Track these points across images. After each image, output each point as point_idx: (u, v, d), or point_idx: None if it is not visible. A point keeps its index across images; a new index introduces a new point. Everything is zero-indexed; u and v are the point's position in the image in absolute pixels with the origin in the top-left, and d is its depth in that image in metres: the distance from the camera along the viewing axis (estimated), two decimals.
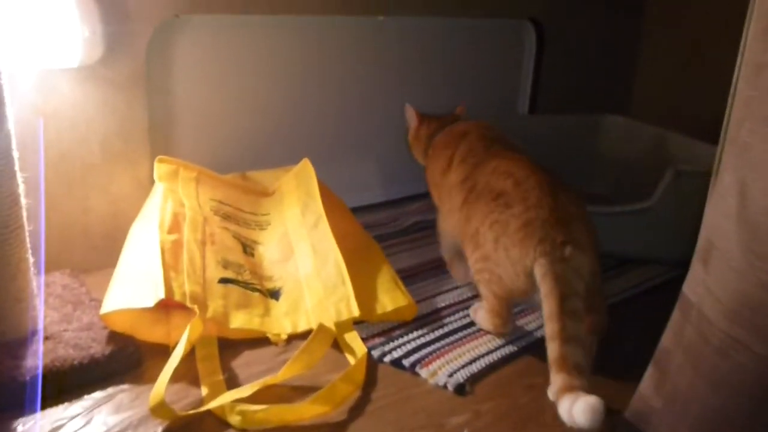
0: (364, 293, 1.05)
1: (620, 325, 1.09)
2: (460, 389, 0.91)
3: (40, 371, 0.84)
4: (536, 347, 1.02)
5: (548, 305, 0.89)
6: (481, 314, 1.06)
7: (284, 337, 1.00)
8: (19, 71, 1.01)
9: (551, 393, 0.85)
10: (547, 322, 0.89)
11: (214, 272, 1.02)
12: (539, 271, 0.91)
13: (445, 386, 0.91)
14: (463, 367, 0.95)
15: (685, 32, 1.84)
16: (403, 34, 1.52)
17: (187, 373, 0.90)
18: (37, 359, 0.85)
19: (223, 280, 1.01)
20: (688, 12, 1.82)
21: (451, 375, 0.93)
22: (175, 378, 0.86)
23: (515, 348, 1.01)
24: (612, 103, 1.91)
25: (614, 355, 0.99)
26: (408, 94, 1.34)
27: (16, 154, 0.87)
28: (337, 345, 0.98)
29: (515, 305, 1.07)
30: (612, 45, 1.90)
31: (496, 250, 0.97)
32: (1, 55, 0.83)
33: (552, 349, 0.86)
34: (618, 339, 1.03)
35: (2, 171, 0.84)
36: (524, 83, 1.78)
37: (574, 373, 0.83)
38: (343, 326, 0.99)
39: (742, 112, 0.67)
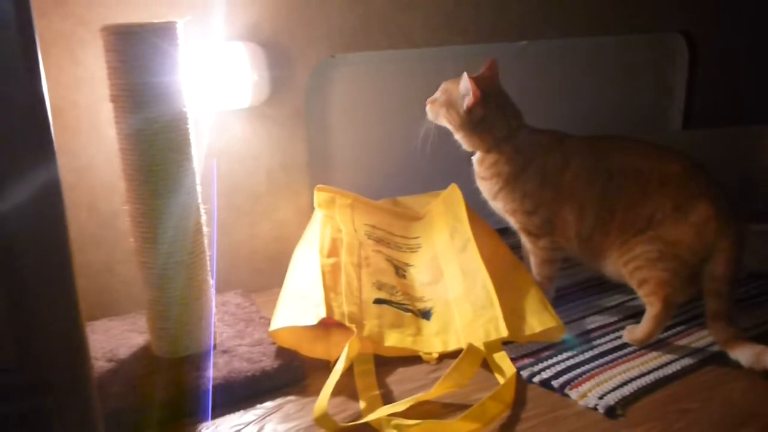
0: (513, 314, 1.07)
1: None
2: (610, 412, 0.91)
3: (219, 381, 0.94)
4: (689, 371, 1.00)
5: (725, 269, 1.01)
6: (639, 329, 1.06)
7: (435, 355, 1.04)
8: (199, 114, 1.15)
9: (720, 342, 1.01)
10: (719, 282, 1.02)
11: (370, 293, 1.08)
12: (726, 243, 1.02)
13: (595, 408, 0.91)
14: (614, 389, 0.95)
15: None
16: (547, 57, 1.53)
17: (346, 388, 0.96)
18: (216, 371, 0.96)
19: (378, 301, 1.08)
20: None
21: (601, 397, 0.93)
22: (336, 392, 0.93)
23: (669, 371, 0.99)
24: None
25: None
26: (553, 118, 1.35)
27: (199, 189, 0.99)
28: (487, 365, 1.01)
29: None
30: None
31: (678, 229, 1.04)
32: (189, 101, 0.95)
33: (720, 304, 1.01)
34: None
35: (189, 204, 0.97)
36: (677, 98, 1.72)
37: (739, 329, 1.00)
38: (492, 346, 1.02)
39: None
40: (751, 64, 1.78)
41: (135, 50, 0.88)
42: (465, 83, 1.11)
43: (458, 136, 1.18)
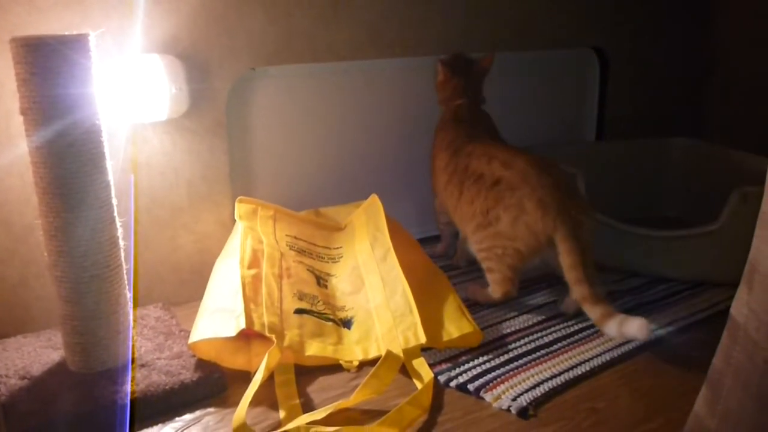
0: (431, 321, 1.10)
1: (689, 347, 1.10)
2: (523, 413, 0.94)
3: (137, 396, 0.93)
4: (598, 372, 1.05)
5: (571, 258, 1.11)
6: (486, 291, 1.24)
7: (356, 363, 1.06)
8: (116, 127, 1.13)
9: (595, 320, 1.10)
10: (570, 271, 1.11)
11: (291, 304, 1.09)
12: (560, 236, 1.13)
13: (508, 409, 0.95)
14: (526, 391, 0.98)
15: (758, 54, 1.81)
16: None
17: (267, 398, 0.97)
18: (134, 385, 0.95)
19: (299, 311, 1.09)
20: (761, 32, 1.79)
21: (514, 399, 0.97)
22: (256, 402, 0.94)
23: (579, 372, 1.04)
24: (685, 125, 1.90)
25: (685, 376, 1.02)
26: None
27: (114, 202, 0.98)
28: (406, 371, 1.03)
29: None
30: (681, 67, 1.90)
31: (515, 228, 1.17)
32: (102, 115, 0.94)
33: (581, 290, 1.10)
34: (687, 360, 1.05)
35: (103, 218, 0.96)
36: (590, 111, 1.80)
37: (608, 302, 1.09)
38: (411, 353, 1.04)
39: None
40: (664, 78, 1.88)
41: (45, 62, 0.87)
42: (438, 67, 1.41)
43: None
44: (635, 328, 1.04)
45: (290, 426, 0.89)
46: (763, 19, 1.76)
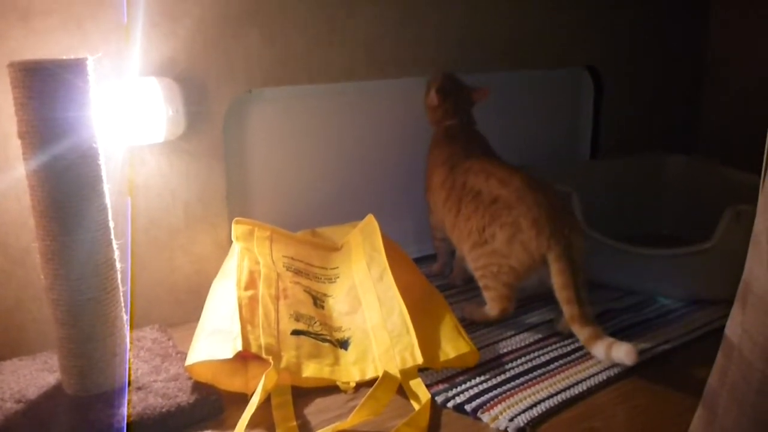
0: (428, 341, 1.10)
1: (686, 365, 1.11)
2: None
3: (133, 419, 0.93)
4: (595, 391, 1.05)
5: (562, 278, 1.13)
6: (482, 310, 1.25)
7: (353, 384, 1.06)
8: (113, 149, 1.14)
9: (583, 341, 1.11)
10: (561, 290, 1.13)
11: (287, 325, 1.09)
12: (552, 256, 1.15)
13: (506, 430, 0.95)
14: (524, 411, 0.98)
15: (750, 70, 1.83)
16: None
17: (264, 420, 0.96)
18: (131, 408, 0.95)
19: (296, 332, 1.09)
20: (753, 49, 1.82)
21: (512, 419, 0.96)
22: (253, 424, 0.94)
23: (576, 392, 1.03)
24: (680, 142, 1.91)
25: (682, 395, 1.02)
26: None
27: (111, 224, 0.98)
28: (403, 392, 1.03)
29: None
30: (676, 85, 1.92)
31: (510, 246, 1.19)
32: (99, 137, 0.95)
33: (571, 310, 1.12)
34: (684, 378, 1.05)
35: (100, 240, 0.96)
36: (584, 129, 1.81)
37: (596, 324, 1.11)
38: (408, 373, 1.04)
39: None
40: (656, 97, 1.89)
41: (43, 86, 0.88)
42: (432, 94, 1.43)
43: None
44: (623, 352, 1.05)
45: None
46: (762, 36, 1.78)
